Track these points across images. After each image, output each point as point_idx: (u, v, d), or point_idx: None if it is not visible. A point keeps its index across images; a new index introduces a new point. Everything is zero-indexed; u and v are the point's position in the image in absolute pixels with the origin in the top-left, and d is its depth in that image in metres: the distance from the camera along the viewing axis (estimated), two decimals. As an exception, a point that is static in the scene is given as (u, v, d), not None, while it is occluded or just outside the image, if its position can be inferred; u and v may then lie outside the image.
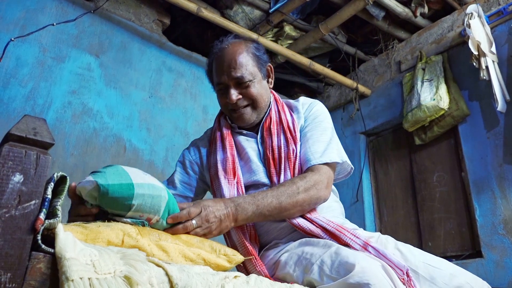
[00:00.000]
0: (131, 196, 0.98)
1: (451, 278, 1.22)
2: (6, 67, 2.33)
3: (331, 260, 1.09)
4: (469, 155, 2.81)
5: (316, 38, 3.34)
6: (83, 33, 2.73)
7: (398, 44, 3.50)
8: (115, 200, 0.96)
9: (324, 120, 1.57)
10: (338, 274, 1.04)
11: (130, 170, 1.05)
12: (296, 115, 1.58)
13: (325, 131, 1.53)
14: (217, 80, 1.50)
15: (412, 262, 1.26)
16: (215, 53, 1.54)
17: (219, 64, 1.49)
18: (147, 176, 1.08)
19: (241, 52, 1.49)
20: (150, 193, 1.02)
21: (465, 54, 2.88)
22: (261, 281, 0.93)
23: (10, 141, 0.71)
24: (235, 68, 1.46)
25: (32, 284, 0.66)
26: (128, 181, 0.99)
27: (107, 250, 0.76)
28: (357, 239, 1.20)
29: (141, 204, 1.00)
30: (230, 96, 1.46)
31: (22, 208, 0.68)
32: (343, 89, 3.86)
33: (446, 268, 1.27)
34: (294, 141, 1.48)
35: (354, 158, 3.58)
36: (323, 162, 1.42)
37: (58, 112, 2.47)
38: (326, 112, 1.63)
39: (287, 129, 1.51)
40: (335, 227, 1.27)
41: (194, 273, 0.82)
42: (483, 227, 2.61)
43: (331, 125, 1.59)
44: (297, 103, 1.63)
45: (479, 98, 2.82)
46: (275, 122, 1.54)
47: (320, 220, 1.32)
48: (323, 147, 1.46)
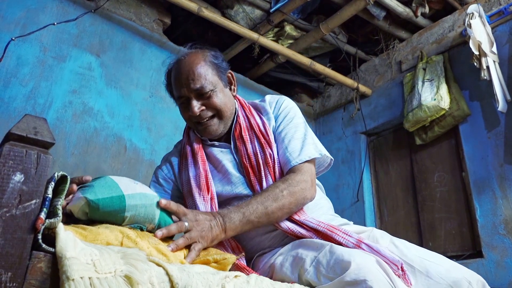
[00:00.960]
0: (123, 208, 0.97)
1: (447, 272, 1.23)
2: (7, 66, 2.33)
3: (326, 260, 1.09)
4: (470, 155, 2.81)
5: (317, 38, 3.34)
6: (83, 33, 2.73)
7: (399, 44, 3.50)
8: (108, 214, 0.95)
9: (295, 116, 1.53)
10: (335, 273, 1.04)
11: (120, 181, 1.03)
12: (266, 116, 1.53)
13: (298, 127, 1.49)
14: (177, 93, 1.45)
15: (407, 256, 1.27)
16: (172, 65, 1.50)
17: (177, 77, 1.44)
18: (138, 185, 1.07)
19: (199, 62, 1.44)
20: (142, 203, 1.01)
21: (466, 54, 2.88)
22: (261, 280, 0.93)
23: (10, 141, 0.72)
24: (194, 79, 1.40)
25: (33, 283, 0.66)
26: (119, 193, 0.98)
27: (108, 249, 0.76)
28: (349, 238, 1.21)
29: (135, 215, 0.99)
30: (192, 108, 1.40)
31: (22, 208, 0.68)
32: (343, 89, 3.86)
33: (442, 262, 1.28)
34: (269, 145, 1.44)
35: (354, 158, 3.58)
36: (303, 161, 1.39)
37: (59, 112, 2.47)
38: (295, 106, 1.59)
39: (260, 134, 1.47)
40: (326, 227, 1.25)
41: (194, 272, 0.82)
42: (484, 227, 2.61)
43: (302, 119, 1.55)
44: (263, 103, 1.58)
45: (480, 98, 2.82)
46: (246, 128, 1.49)
47: (310, 222, 1.30)
48: (299, 145, 1.43)
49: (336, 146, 3.77)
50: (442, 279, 1.22)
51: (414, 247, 1.32)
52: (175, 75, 1.46)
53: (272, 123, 1.51)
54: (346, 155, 3.66)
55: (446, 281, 1.21)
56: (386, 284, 0.99)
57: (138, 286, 0.69)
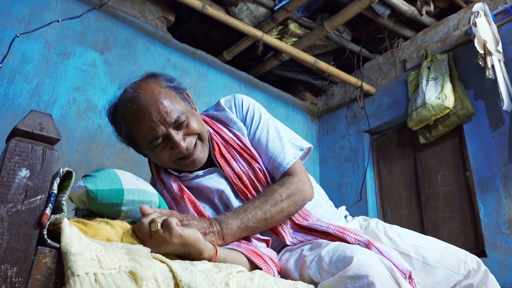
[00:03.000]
0: (120, 202, 0.97)
1: (442, 256, 1.29)
2: (11, 63, 2.34)
3: (329, 256, 1.09)
4: (474, 154, 2.80)
5: (321, 36, 3.33)
6: (88, 30, 2.73)
7: (403, 43, 3.48)
8: (105, 206, 0.95)
9: (260, 113, 1.45)
10: (337, 268, 1.03)
11: (123, 175, 1.03)
12: (235, 127, 1.42)
13: (269, 127, 1.41)
14: (150, 136, 1.25)
15: (402, 247, 1.33)
16: (126, 108, 1.27)
17: (143, 118, 1.23)
18: (140, 182, 1.07)
19: (160, 92, 1.27)
20: (140, 199, 1.01)
21: (471, 53, 2.86)
22: (265, 278, 0.93)
23: (16, 136, 0.72)
24: (167, 112, 1.24)
25: (38, 279, 0.66)
26: (119, 186, 0.98)
27: (112, 245, 0.77)
28: (361, 238, 1.20)
29: (131, 210, 0.99)
30: (178, 144, 1.25)
31: (28, 203, 0.69)
32: (347, 87, 3.85)
33: (435, 246, 1.33)
34: (254, 159, 1.35)
35: (358, 156, 3.57)
36: (292, 162, 1.34)
37: (63, 108, 2.48)
38: (254, 102, 1.49)
39: (240, 149, 1.36)
40: (337, 229, 1.23)
41: (197, 270, 0.82)
42: (488, 226, 2.60)
43: (268, 114, 1.47)
44: (224, 113, 1.46)
45: (485, 97, 2.81)
46: (222, 145, 1.37)
47: (319, 226, 1.27)
48: (280, 146, 1.36)
49: (339, 144, 3.77)
50: (439, 263, 1.28)
51: (407, 235, 1.37)
52: (138, 117, 1.24)
53: (245, 132, 1.41)
54: (349, 153, 3.66)
55: (442, 265, 1.27)
56: (388, 280, 0.99)
57: (142, 282, 0.69)
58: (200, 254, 0.99)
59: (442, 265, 1.28)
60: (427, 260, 1.29)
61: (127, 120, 1.28)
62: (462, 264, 1.29)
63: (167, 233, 0.92)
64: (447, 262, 1.28)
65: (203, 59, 3.31)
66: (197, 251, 0.99)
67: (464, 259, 1.31)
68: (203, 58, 3.31)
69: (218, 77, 3.37)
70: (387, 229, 1.43)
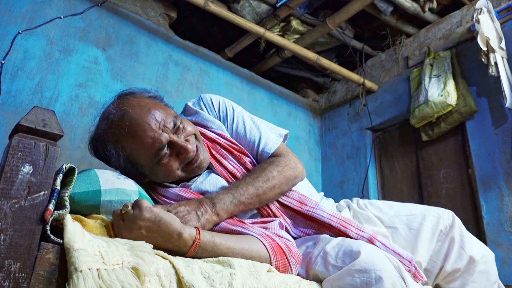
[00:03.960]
0: (97, 203, 0.96)
1: (423, 218, 1.44)
2: (14, 59, 2.34)
3: (335, 251, 1.09)
4: (477, 151, 2.79)
5: (323, 33, 3.32)
6: (90, 26, 2.73)
7: (406, 40, 3.47)
8: (83, 208, 0.94)
9: (233, 108, 1.45)
10: (344, 262, 1.04)
11: (103, 175, 1.02)
12: (214, 126, 1.42)
13: (244, 118, 1.43)
14: (155, 148, 1.19)
15: (387, 221, 1.44)
16: (118, 129, 1.20)
17: (143, 131, 1.18)
18: (119, 180, 1.05)
19: (147, 102, 1.25)
20: (119, 199, 0.99)
21: (473, 50, 2.85)
22: (271, 276, 0.93)
23: (19, 132, 0.72)
24: (164, 118, 1.22)
25: (41, 274, 0.67)
26: (96, 188, 0.97)
27: (115, 241, 0.77)
28: (363, 233, 1.21)
29: (110, 210, 0.97)
30: (186, 147, 1.21)
31: (31, 199, 0.69)
32: (349, 84, 3.84)
33: (415, 211, 1.49)
34: (244, 153, 1.35)
35: (360, 153, 3.57)
36: (276, 146, 1.36)
37: (65, 105, 2.48)
38: (221, 98, 1.49)
39: (228, 147, 1.36)
40: (339, 222, 1.24)
41: (198, 267, 0.81)
42: (490, 224, 2.60)
43: (239, 107, 1.48)
44: (200, 115, 1.45)
45: (488, 95, 2.80)
46: (209, 145, 1.36)
47: (321, 216, 1.25)
48: (259, 134, 1.38)
49: (341, 141, 3.77)
50: (422, 225, 1.42)
51: (387, 207, 1.50)
52: (136, 132, 1.18)
53: (224, 129, 1.41)
54: (351, 150, 3.66)
55: (425, 225, 1.42)
56: (395, 274, 1.00)
57: (145, 278, 0.69)
58: (180, 236, 0.93)
59: (425, 225, 1.42)
60: (412, 226, 1.42)
61: (123, 142, 1.20)
62: (441, 220, 1.44)
63: (137, 210, 0.89)
64: (429, 223, 1.42)
65: (205, 56, 3.30)
66: (175, 231, 0.92)
67: (441, 215, 1.46)
68: (205, 55, 3.31)
69: (220, 74, 3.37)
70: (368, 206, 1.52)
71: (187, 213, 1.09)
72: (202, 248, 0.96)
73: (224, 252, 0.99)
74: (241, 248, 1.02)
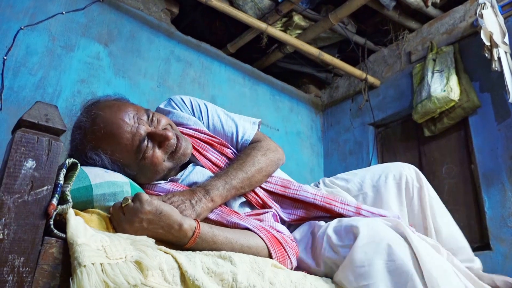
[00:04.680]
0: (90, 198, 0.95)
1: (385, 175, 1.52)
2: (16, 55, 2.34)
3: (335, 231, 1.13)
4: (479, 147, 2.78)
5: (326, 28, 3.31)
6: (92, 22, 2.73)
7: (409, 35, 3.46)
8: (76, 204, 0.93)
9: (205, 104, 1.49)
10: (349, 239, 1.08)
11: (90, 171, 1.01)
12: (191, 122, 1.43)
13: (217, 112, 1.47)
14: (136, 143, 1.17)
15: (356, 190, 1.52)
16: (95, 133, 1.17)
17: (119, 128, 1.16)
18: (108, 174, 1.04)
19: (115, 103, 1.26)
20: (111, 191, 0.98)
21: (477, 45, 2.84)
22: (276, 273, 0.92)
23: (22, 127, 0.72)
24: (136, 112, 1.22)
25: (45, 268, 0.67)
26: (86, 183, 0.96)
27: (117, 236, 0.77)
28: (348, 207, 1.26)
29: (104, 204, 0.97)
30: (165, 135, 1.19)
31: (34, 194, 0.69)
32: (352, 79, 3.83)
33: (378, 171, 1.57)
34: (224, 145, 1.38)
35: (362, 149, 3.57)
36: (254, 133, 1.41)
37: (68, 101, 2.48)
38: (190, 97, 1.53)
39: (208, 140, 1.37)
40: (323, 200, 1.28)
41: (200, 261, 0.81)
42: (492, 219, 2.60)
43: (210, 103, 1.52)
44: (174, 115, 1.45)
45: (491, 90, 2.79)
46: (190, 139, 1.36)
47: (305, 196, 1.29)
48: (234, 124, 1.43)
49: (343, 137, 3.76)
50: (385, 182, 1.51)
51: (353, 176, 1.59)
52: (113, 131, 1.16)
53: (200, 123, 1.43)
54: (354, 146, 3.65)
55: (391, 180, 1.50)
56: (395, 234, 1.05)
57: (148, 272, 0.70)
58: (180, 227, 0.94)
59: (391, 180, 1.49)
60: (378, 185, 1.49)
61: (102, 145, 1.16)
62: (403, 173, 1.52)
63: (137, 203, 0.90)
64: (392, 176, 1.50)
65: (207, 51, 3.30)
66: (176, 222, 0.93)
67: (402, 170, 1.54)
68: (207, 50, 3.30)
69: (222, 70, 3.37)
70: (335, 181, 1.62)
71: (181, 202, 1.09)
72: (201, 239, 0.97)
73: (223, 242, 0.99)
74: (239, 240, 1.03)
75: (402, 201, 1.49)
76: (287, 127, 3.67)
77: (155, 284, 0.70)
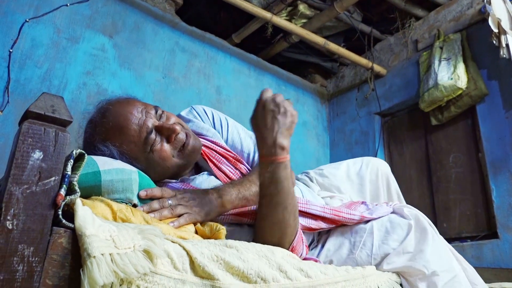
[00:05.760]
0: (98, 184, 0.95)
1: (367, 165, 1.69)
2: (22, 48, 2.35)
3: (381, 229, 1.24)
4: (487, 135, 2.76)
5: (331, 17, 3.28)
6: (96, 14, 2.72)
7: (415, 22, 3.42)
8: (83, 190, 0.91)
9: (226, 118, 1.48)
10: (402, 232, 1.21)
11: (99, 159, 1.01)
12: (209, 134, 1.41)
13: (237, 128, 1.46)
14: (143, 135, 1.17)
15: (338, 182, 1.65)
16: (104, 126, 1.19)
17: (127, 121, 1.17)
18: (117, 162, 1.04)
19: (126, 99, 1.27)
20: (119, 178, 0.98)
21: (484, 32, 2.80)
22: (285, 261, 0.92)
23: (29, 119, 0.72)
24: (145, 106, 1.22)
25: (54, 258, 0.67)
26: (95, 169, 0.96)
27: (124, 225, 0.77)
28: (354, 216, 1.29)
29: (112, 190, 0.97)
30: (173, 128, 1.20)
31: (42, 184, 0.69)
32: (358, 69, 3.81)
33: (355, 163, 1.73)
34: (239, 161, 1.36)
35: (368, 139, 3.55)
36: None
37: (74, 93, 2.49)
38: (212, 109, 1.52)
39: (224, 153, 1.35)
40: (332, 213, 1.29)
41: (207, 250, 0.82)
42: (500, 208, 2.58)
43: (230, 118, 1.51)
44: (194, 123, 1.44)
45: (499, 77, 2.76)
46: (205, 152, 1.34)
47: (314, 210, 1.29)
48: (252, 143, 1.43)
49: (349, 127, 3.75)
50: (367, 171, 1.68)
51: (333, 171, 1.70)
52: (121, 124, 1.18)
53: (220, 137, 1.42)
54: (360, 136, 3.64)
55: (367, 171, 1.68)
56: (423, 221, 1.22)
57: (157, 260, 0.70)
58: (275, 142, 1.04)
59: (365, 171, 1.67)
60: (363, 176, 1.66)
61: (110, 137, 1.17)
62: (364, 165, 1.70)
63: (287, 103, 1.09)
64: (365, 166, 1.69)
65: (212, 42, 3.28)
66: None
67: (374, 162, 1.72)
68: (212, 41, 3.29)
69: (227, 60, 3.35)
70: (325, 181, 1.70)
71: (192, 199, 1.09)
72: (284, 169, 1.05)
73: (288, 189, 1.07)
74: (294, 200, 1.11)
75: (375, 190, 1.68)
76: (293, 117, 3.66)
77: (165, 272, 0.71)
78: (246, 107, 3.31)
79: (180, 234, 0.94)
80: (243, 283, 0.80)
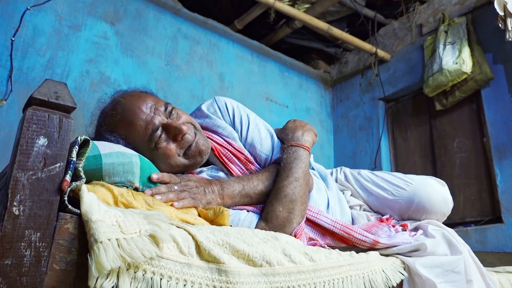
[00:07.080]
0: (99, 167, 0.95)
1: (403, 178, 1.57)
2: (24, 36, 2.34)
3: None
4: (492, 120, 2.75)
5: (334, 2, 3.24)
6: (98, 1, 2.70)
7: (420, 6, 3.38)
8: (85, 172, 0.92)
9: (248, 115, 1.41)
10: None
11: (100, 143, 1.01)
12: (225, 133, 1.37)
13: (259, 126, 1.40)
14: (149, 131, 1.17)
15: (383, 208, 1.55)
16: (113, 117, 1.20)
17: (135, 115, 1.18)
18: (118, 146, 1.04)
19: (139, 93, 1.26)
20: (120, 161, 0.97)
21: (490, 15, 2.77)
22: (290, 246, 0.93)
23: (33, 105, 0.72)
24: (155, 102, 1.22)
25: (61, 243, 0.68)
26: (95, 152, 0.96)
27: (129, 211, 0.78)
28: (366, 238, 1.20)
29: (113, 173, 0.96)
30: (180, 128, 1.18)
31: (47, 171, 0.69)
32: (361, 54, 3.78)
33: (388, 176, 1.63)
34: (250, 162, 1.33)
35: (372, 124, 3.54)
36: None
37: (77, 81, 2.49)
38: (236, 103, 1.45)
39: (236, 152, 1.33)
40: (342, 229, 1.22)
41: (212, 235, 0.82)
42: (504, 192, 2.58)
43: (252, 113, 1.45)
44: (211, 120, 1.40)
45: (504, 61, 2.73)
46: (217, 148, 1.32)
47: (324, 222, 1.24)
48: (270, 144, 1.36)
49: (353, 113, 3.73)
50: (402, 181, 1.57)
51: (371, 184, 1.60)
52: (129, 117, 1.18)
53: (236, 136, 1.37)
54: (363, 122, 3.63)
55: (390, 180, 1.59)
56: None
57: (163, 245, 0.70)
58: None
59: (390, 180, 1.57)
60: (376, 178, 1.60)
61: (117, 129, 1.19)
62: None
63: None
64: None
65: (214, 28, 3.26)
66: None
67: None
68: (215, 27, 3.26)
69: (230, 47, 3.33)
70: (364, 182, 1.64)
71: (195, 187, 1.10)
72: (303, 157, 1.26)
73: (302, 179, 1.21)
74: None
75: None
76: (296, 104, 3.65)
77: (171, 256, 0.71)
78: (249, 94, 3.30)
79: (183, 217, 0.94)
80: (248, 266, 0.80)
